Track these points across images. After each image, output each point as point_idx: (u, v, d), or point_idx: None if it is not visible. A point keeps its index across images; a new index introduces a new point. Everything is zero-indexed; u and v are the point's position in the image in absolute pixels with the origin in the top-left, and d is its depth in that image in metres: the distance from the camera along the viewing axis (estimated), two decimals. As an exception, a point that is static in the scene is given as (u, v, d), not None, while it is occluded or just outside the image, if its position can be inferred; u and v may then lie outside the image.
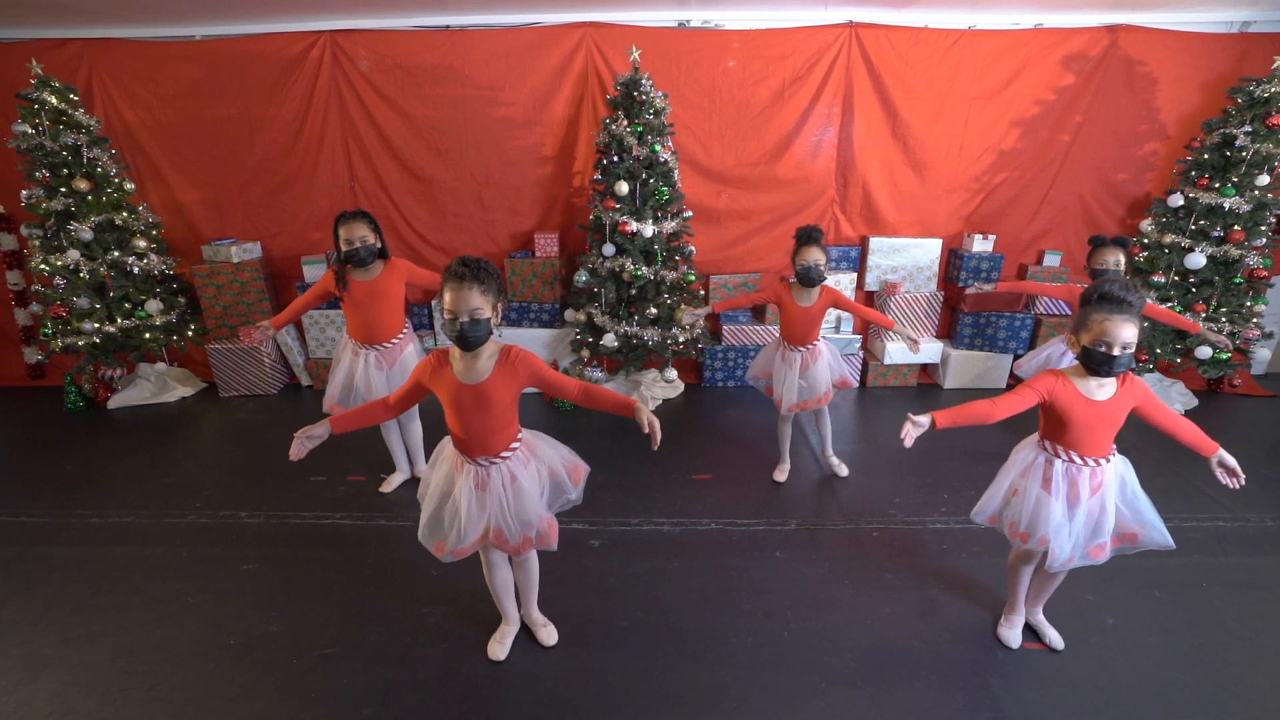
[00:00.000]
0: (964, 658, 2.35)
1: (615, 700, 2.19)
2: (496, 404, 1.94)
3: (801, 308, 3.14)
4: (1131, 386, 1.98)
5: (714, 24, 4.50)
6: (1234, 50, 4.41)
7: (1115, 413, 1.97)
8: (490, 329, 1.87)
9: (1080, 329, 1.91)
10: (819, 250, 3.04)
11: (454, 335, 1.83)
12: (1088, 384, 1.96)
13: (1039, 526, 2.07)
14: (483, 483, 2.03)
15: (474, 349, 1.88)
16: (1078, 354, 1.93)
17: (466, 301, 1.79)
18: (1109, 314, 1.83)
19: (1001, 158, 4.69)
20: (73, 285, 4.30)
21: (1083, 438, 1.99)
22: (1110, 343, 1.82)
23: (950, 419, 2.00)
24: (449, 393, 1.94)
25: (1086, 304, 1.89)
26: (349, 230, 2.94)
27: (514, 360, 1.92)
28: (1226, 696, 2.18)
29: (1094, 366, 1.88)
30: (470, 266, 1.81)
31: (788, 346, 3.26)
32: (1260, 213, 4.14)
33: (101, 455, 3.95)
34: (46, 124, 4.12)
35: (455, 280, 1.80)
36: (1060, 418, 1.98)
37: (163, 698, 2.19)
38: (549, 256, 4.68)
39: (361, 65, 4.52)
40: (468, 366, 1.92)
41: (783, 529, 3.12)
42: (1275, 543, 3.02)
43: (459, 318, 1.81)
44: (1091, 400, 1.95)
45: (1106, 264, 3.22)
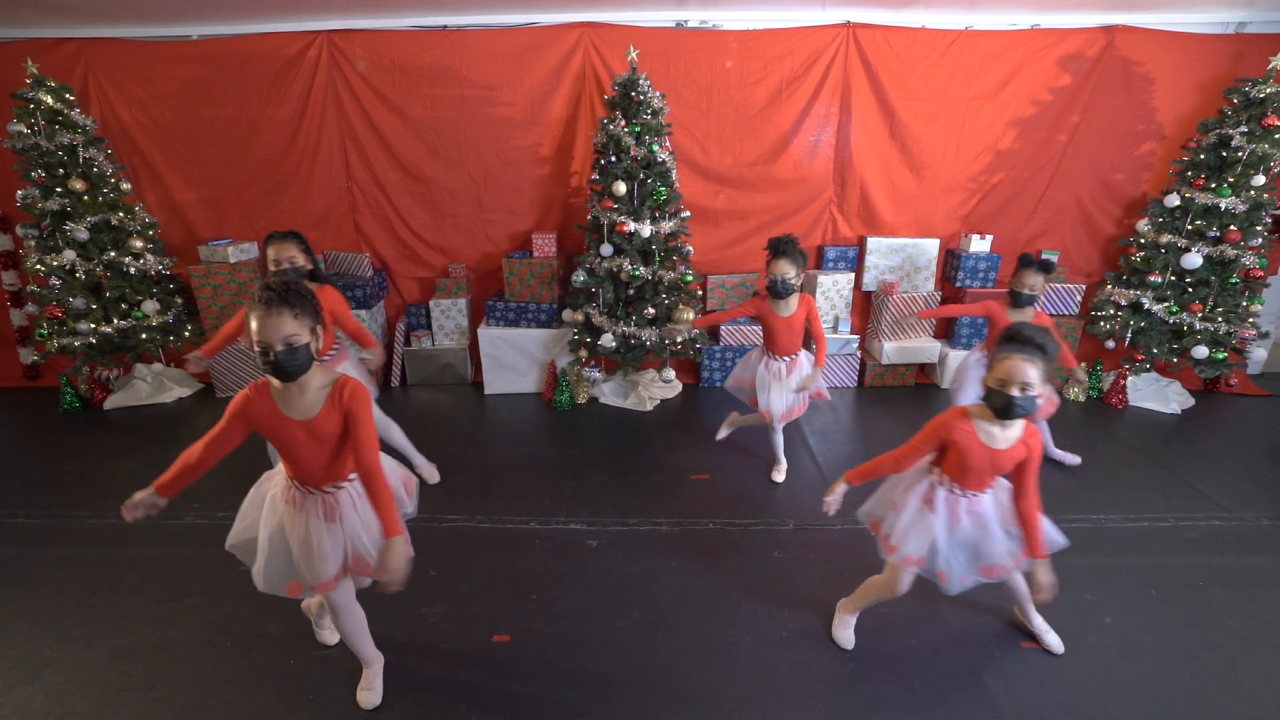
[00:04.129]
0: (962, 658, 2.35)
1: (615, 700, 2.19)
2: (329, 438, 1.79)
3: (783, 318, 3.16)
4: (1029, 441, 1.97)
5: (712, 24, 4.50)
6: (1230, 51, 4.43)
7: (1005, 463, 1.98)
8: (310, 355, 1.70)
9: (989, 368, 1.91)
10: (788, 263, 3.01)
11: (269, 368, 1.65)
12: (990, 429, 1.96)
13: (907, 544, 2.11)
14: (331, 511, 1.88)
15: (294, 379, 1.69)
16: (984, 395, 1.93)
17: (277, 329, 1.62)
18: (1011, 353, 1.83)
19: (999, 158, 4.70)
20: (69, 285, 4.28)
21: (970, 477, 2.02)
22: (1008, 382, 1.82)
23: (861, 475, 2.13)
24: (274, 429, 1.77)
25: (999, 344, 1.91)
26: (278, 250, 2.84)
27: (346, 395, 1.76)
28: (1224, 695, 2.19)
29: (994, 407, 1.88)
30: (276, 289, 1.63)
31: (771, 356, 3.27)
32: (1256, 213, 4.16)
33: (98, 456, 3.94)
34: (42, 124, 4.11)
35: (262, 307, 1.61)
36: (955, 457, 2.01)
37: (161, 698, 2.19)
38: (547, 257, 4.68)
39: (359, 65, 4.51)
40: (293, 399, 1.74)
41: (781, 529, 3.13)
42: (1272, 542, 3.03)
43: (272, 347, 1.62)
44: (989, 448, 1.96)
45: (1023, 286, 3.21)
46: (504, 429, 4.33)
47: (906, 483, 2.17)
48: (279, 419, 1.76)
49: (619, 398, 4.67)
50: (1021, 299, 3.24)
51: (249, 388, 1.78)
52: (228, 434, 1.83)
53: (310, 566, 1.88)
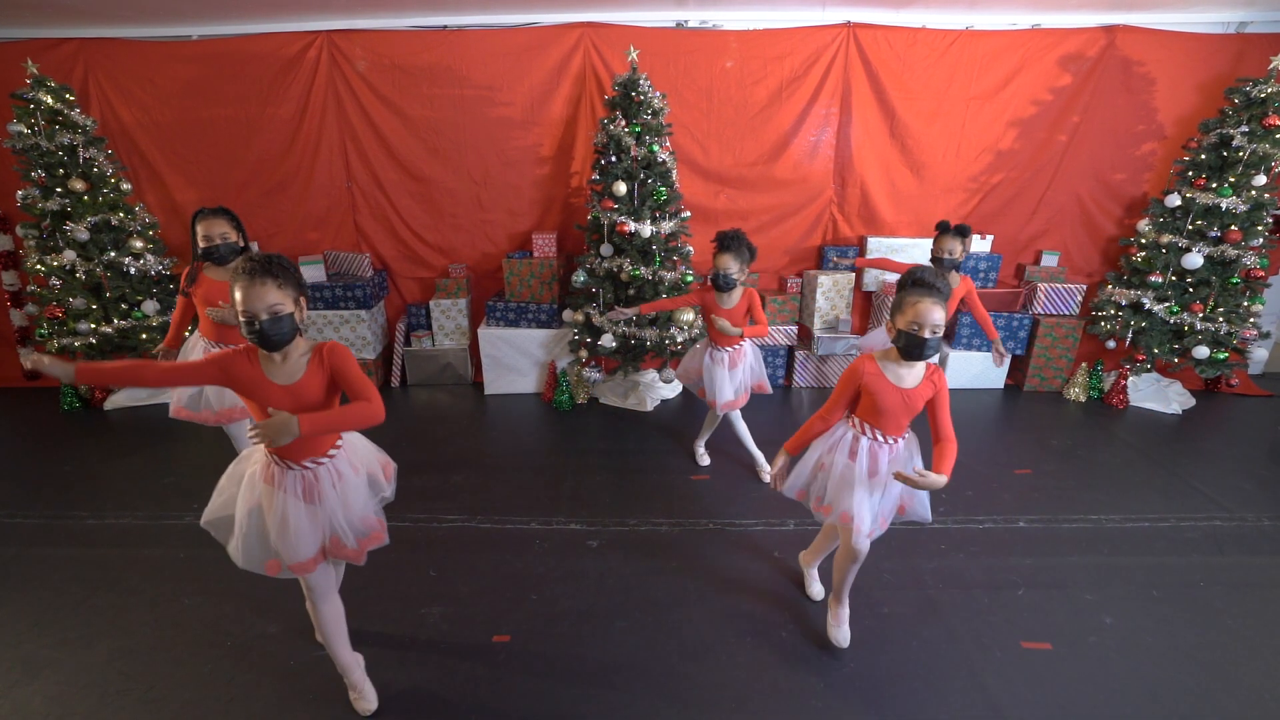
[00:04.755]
0: (962, 657, 2.35)
1: (615, 700, 2.18)
2: (315, 403, 1.79)
3: (724, 310, 3.22)
4: (934, 378, 2.07)
5: (712, 24, 4.50)
6: (1231, 51, 4.42)
7: (916, 401, 2.07)
8: (295, 325, 1.71)
9: (896, 312, 1.98)
10: (731, 258, 3.06)
11: (254, 337, 1.67)
12: (897, 370, 2.05)
13: (841, 500, 2.17)
14: (309, 489, 1.87)
15: (279, 349, 1.72)
16: (893, 338, 2.00)
17: (262, 298, 1.63)
18: (921, 296, 1.90)
19: (999, 158, 4.70)
20: (69, 286, 4.28)
21: (887, 420, 2.10)
22: (922, 324, 1.89)
23: (796, 444, 2.23)
24: (259, 393, 1.76)
25: (901, 289, 1.98)
26: (208, 227, 2.78)
27: (327, 354, 1.78)
28: (1225, 695, 2.19)
29: (908, 349, 1.95)
30: (259, 261, 1.66)
31: (715, 347, 3.33)
32: (1257, 213, 4.15)
33: (98, 456, 3.94)
34: (42, 124, 4.11)
35: (245, 277, 1.63)
36: (869, 401, 2.09)
37: (160, 699, 2.19)
38: (547, 257, 4.68)
39: (359, 65, 4.51)
40: (277, 367, 1.77)
41: (781, 529, 3.12)
42: (1272, 542, 3.02)
43: (258, 316, 1.64)
44: (898, 388, 2.05)
45: (942, 251, 3.28)
46: (504, 429, 4.33)
47: (830, 442, 2.22)
48: (262, 382, 1.76)
49: (619, 398, 4.67)
50: (943, 264, 3.31)
51: (243, 348, 1.79)
52: (195, 372, 1.83)
53: (287, 546, 1.87)
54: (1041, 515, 3.23)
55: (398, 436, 4.12)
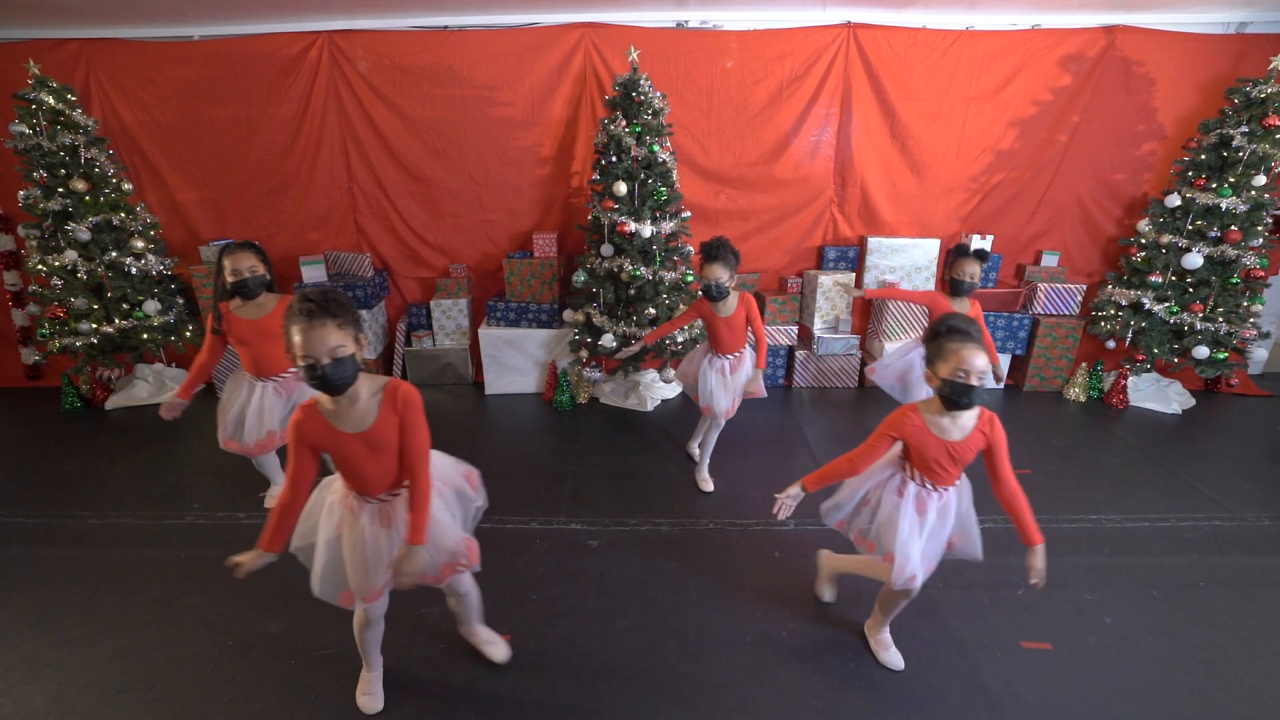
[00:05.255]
0: (962, 657, 2.35)
1: (615, 700, 2.19)
2: (391, 446, 1.76)
3: (723, 319, 3.17)
4: (986, 428, 1.96)
5: (712, 24, 4.50)
6: (1231, 51, 4.42)
7: (965, 453, 1.97)
8: (358, 365, 1.65)
9: (936, 360, 1.89)
10: (720, 267, 3.01)
11: (316, 382, 1.59)
12: (941, 421, 1.95)
13: (886, 540, 2.10)
14: (389, 519, 1.86)
15: (343, 392, 1.65)
16: (936, 387, 1.90)
17: (323, 341, 1.56)
18: (963, 343, 1.83)
19: (999, 158, 4.70)
20: (70, 286, 4.29)
21: (934, 473, 2.01)
22: (968, 370, 1.81)
23: (817, 480, 2.10)
24: (332, 446, 1.73)
25: (936, 337, 1.90)
26: (235, 261, 2.77)
27: (400, 399, 1.73)
28: (1224, 696, 2.19)
29: (954, 399, 1.86)
30: (316, 300, 1.57)
31: (715, 354, 3.29)
32: (1257, 213, 4.15)
33: (99, 456, 3.94)
34: (44, 124, 4.11)
35: (303, 319, 1.56)
36: (915, 454, 2.01)
37: (161, 699, 2.19)
38: (547, 257, 4.68)
39: (360, 65, 4.52)
40: (346, 413, 1.70)
41: (781, 529, 3.13)
42: (1272, 542, 3.02)
43: (319, 360, 1.57)
44: (941, 440, 1.95)
45: (964, 274, 3.27)
46: (504, 429, 4.33)
47: (878, 478, 2.15)
48: (334, 435, 1.72)
49: (619, 398, 4.67)
50: (963, 288, 3.30)
51: (297, 411, 1.73)
52: (302, 466, 1.77)
53: (363, 575, 1.86)
54: (1041, 515, 3.20)
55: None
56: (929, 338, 1.94)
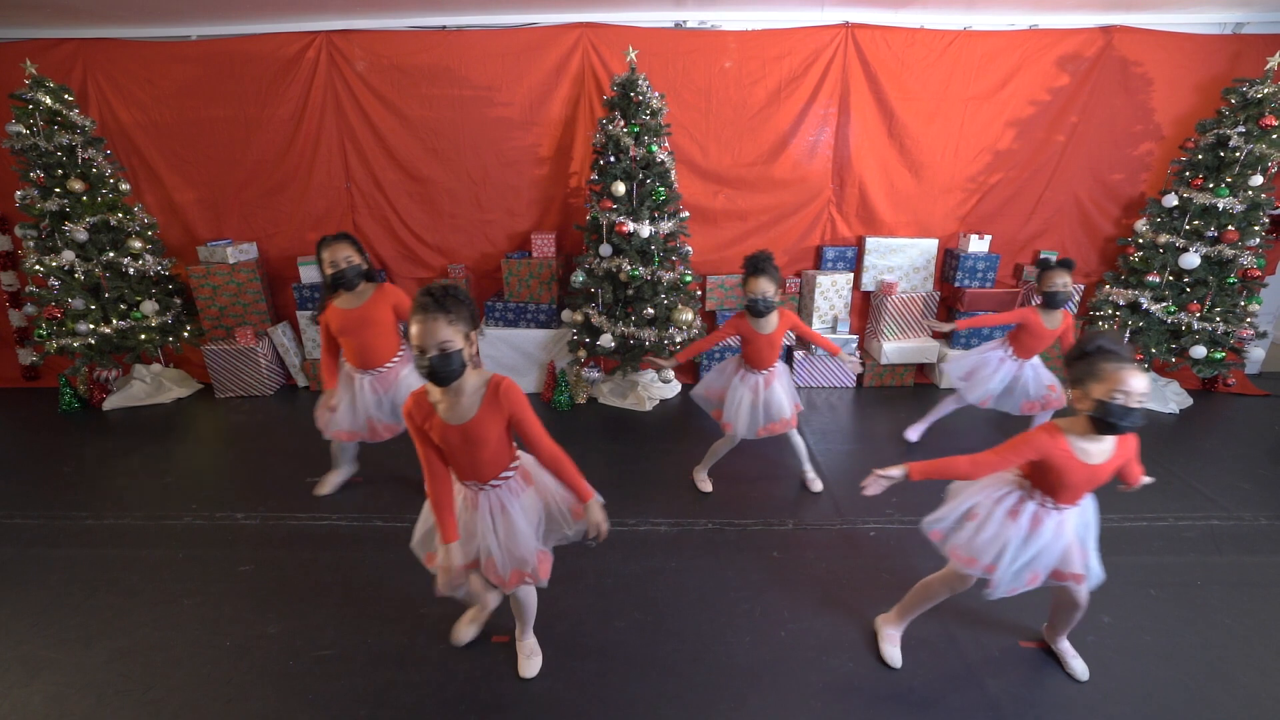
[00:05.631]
0: (960, 657, 2.36)
1: (613, 700, 2.19)
2: (487, 441, 1.85)
3: (764, 335, 3.09)
4: (1126, 445, 1.93)
5: (710, 24, 4.50)
6: (1228, 51, 4.43)
7: (1104, 475, 1.92)
8: (464, 361, 1.75)
9: (1089, 381, 1.81)
10: (766, 280, 2.95)
11: (424, 371, 1.71)
12: (1086, 445, 1.88)
13: (986, 555, 2.02)
14: (473, 503, 1.98)
15: (448, 384, 1.76)
16: (1088, 410, 1.82)
17: (434, 334, 1.68)
18: (1120, 364, 1.75)
19: (997, 158, 4.70)
20: (67, 286, 4.28)
21: (1066, 494, 1.95)
22: (1129, 393, 1.74)
23: (925, 472, 1.97)
24: (435, 434, 1.85)
25: (1083, 358, 1.82)
26: (332, 253, 2.86)
27: (501, 396, 1.82)
28: (1222, 695, 2.19)
29: (1112, 421, 1.77)
30: (435, 295, 1.69)
31: (748, 369, 3.20)
32: (1254, 213, 4.16)
33: (97, 457, 3.94)
34: (41, 124, 4.10)
35: (421, 311, 1.68)
36: (1052, 477, 1.93)
37: (159, 700, 2.19)
38: (546, 257, 4.68)
39: (358, 66, 4.51)
40: (451, 404, 1.82)
41: (780, 529, 3.13)
42: (1270, 541, 3.03)
43: (427, 351, 1.69)
44: (1086, 465, 1.88)
45: (1056, 285, 3.28)
46: (503, 429, 4.32)
47: (990, 492, 2.07)
48: (439, 425, 1.82)
49: (618, 398, 4.67)
50: (1058, 299, 3.31)
51: (408, 399, 1.86)
52: (427, 451, 1.91)
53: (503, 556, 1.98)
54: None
55: (396, 437, 4.11)
56: (1075, 357, 1.85)
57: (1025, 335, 3.48)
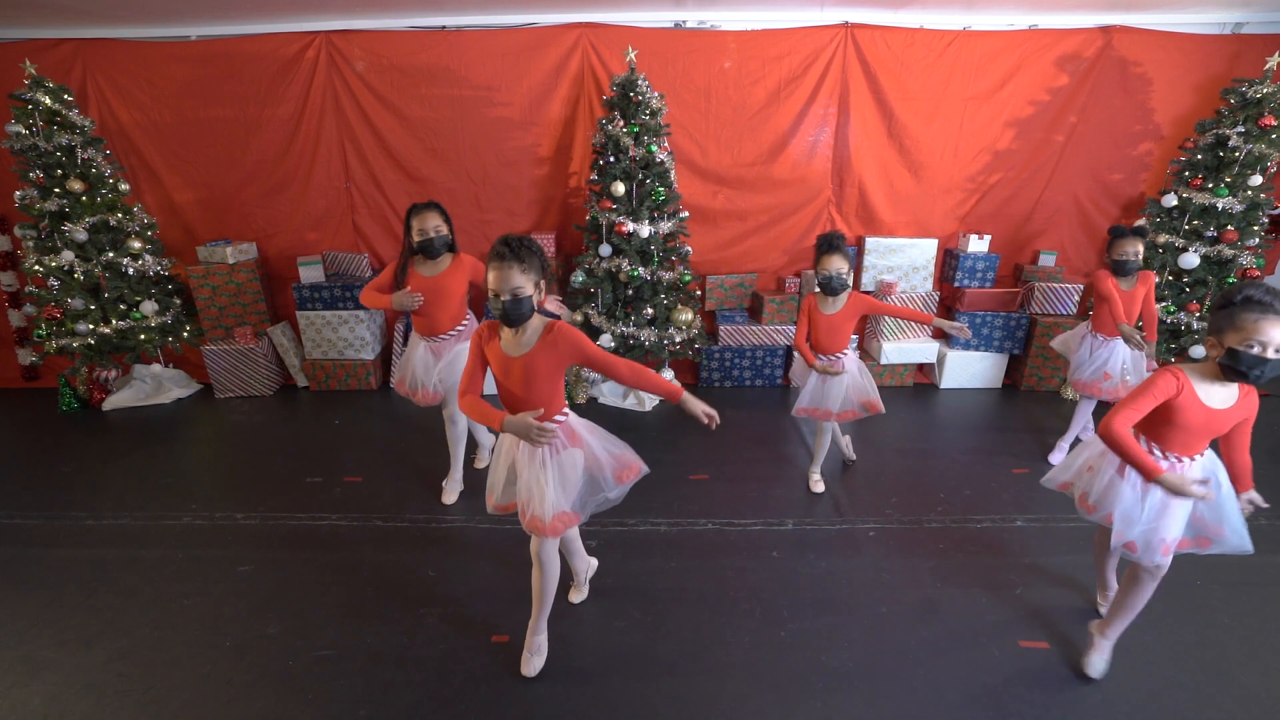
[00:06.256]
0: (961, 657, 2.36)
1: (613, 701, 2.19)
2: (537, 377, 2.00)
3: (824, 315, 3.09)
4: (1249, 400, 1.90)
5: (710, 25, 4.50)
6: (1227, 51, 4.44)
7: (1225, 422, 1.90)
8: (532, 306, 1.93)
9: (1227, 329, 1.78)
10: (840, 258, 2.92)
11: (498, 312, 1.91)
12: (1209, 388, 1.88)
13: (1107, 503, 2.07)
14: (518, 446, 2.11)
15: (517, 325, 1.96)
16: (1220, 357, 1.81)
17: (508, 280, 1.86)
18: (1262, 314, 1.72)
19: (996, 158, 4.71)
20: (67, 286, 4.28)
21: (1183, 439, 1.94)
22: (1266, 343, 1.72)
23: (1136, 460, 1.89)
24: (496, 362, 2.03)
25: (1226, 307, 1.79)
26: (422, 220, 2.94)
27: (556, 336, 1.96)
28: (1221, 695, 2.19)
29: (1242, 369, 1.76)
30: (511, 245, 1.88)
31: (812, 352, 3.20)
32: (1253, 213, 4.16)
33: (97, 457, 3.93)
34: (40, 124, 4.10)
35: (497, 259, 1.88)
36: (1169, 418, 1.91)
37: (159, 700, 2.18)
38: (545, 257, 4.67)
39: (357, 66, 4.51)
40: (514, 339, 2.00)
41: (780, 529, 3.13)
42: (1270, 542, 3.03)
43: (501, 295, 1.88)
44: (1207, 407, 1.87)
45: (1126, 254, 3.28)
46: (503, 429, 4.32)
47: (1100, 447, 2.09)
48: (498, 353, 2.02)
49: (618, 398, 4.67)
50: (1126, 267, 3.29)
51: (484, 325, 2.07)
52: (477, 366, 2.09)
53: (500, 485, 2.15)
54: (1039, 515, 3.24)
55: (396, 438, 4.12)
56: (1219, 305, 1.82)
57: (1103, 308, 3.40)
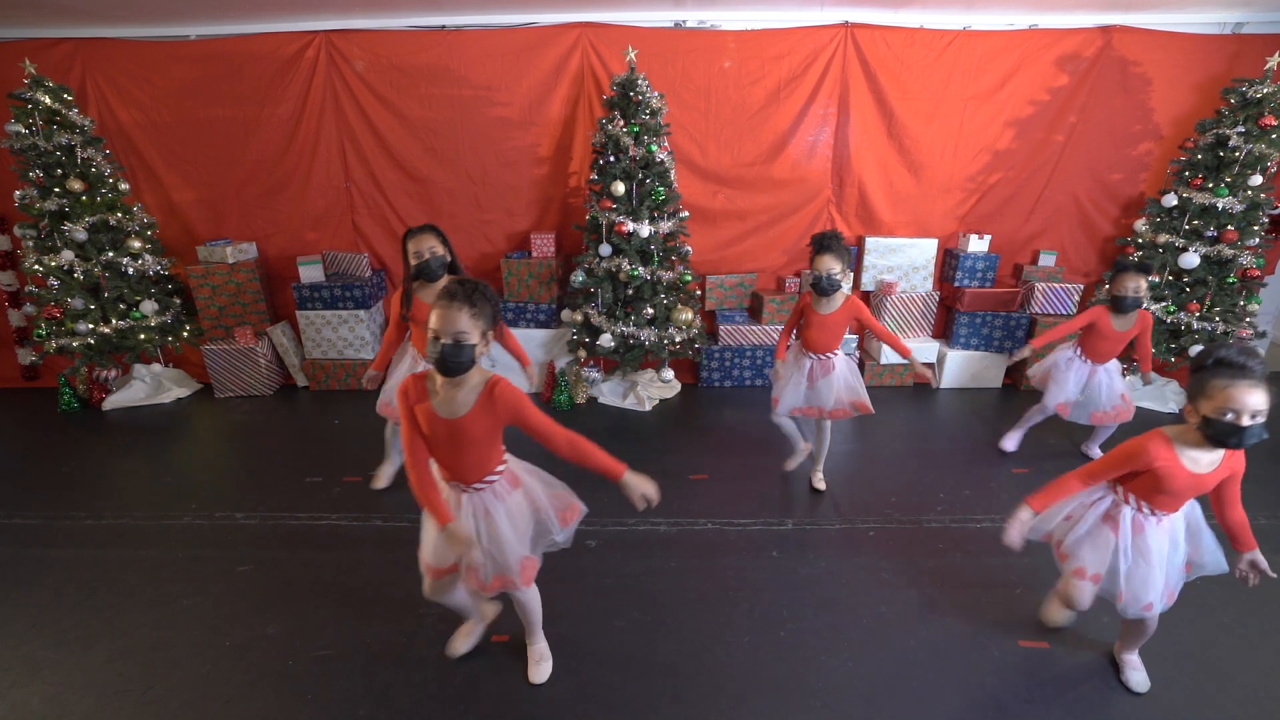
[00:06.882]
0: (961, 657, 2.36)
1: (613, 701, 2.19)
2: (473, 442, 1.83)
3: (818, 315, 3.07)
4: (1235, 458, 1.86)
5: (710, 24, 4.50)
6: (1227, 51, 4.43)
7: (1208, 484, 1.87)
8: (474, 357, 1.74)
9: (1199, 396, 1.75)
10: (832, 258, 2.89)
11: (434, 357, 1.71)
12: (1193, 453, 1.83)
13: (1080, 555, 2.04)
14: (482, 509, 1.95)
15: (454, 375, 1.75)
16: (1197, 424, 1.77)
17: (453, 322, 1.68)
18: (1232, 379, 1.67)
19: (996, 158, 4.70)
20: (67, 286, 4.28)
21: (1167, 501, 1.91)
22: (1239, 410, 1.67)
23: (1044, 502, 1.99)
24: (425, 423, 1.82)
25: (1199, 370, 1.76)
26: (417, 243, 2.91)
27: (496, 398, 1.78)
28: (1221, 694, 2.20)
29: (1220, 438, 1.73)
30: (465, 287, 1.71)
31: (802, 350, 3.21)
32: (1253, 213, 4.16)
33: (96, 457, 3.93)
34: (40, 124, 4.10)
35: (446, 298, 1.70)
36: (1154, 483, 1.89)
37: (158, 700, 2.18)
38: (545, 257, 4.68)
39: (357, 65, 4.51)
40: (447, 396, 1.79)
41: (779, 529, 3.13)
42: (1270, 541, 3.03)
43: (442, 338, 1.69)
44: (1192, 473, 1.84)
45: (1126, 290, 3.21)
46: (502, 429, 4.32)
47: (1087, 500, 2.07)
48: (428, 411, 1.80)
49: (618, 398, 4.67)
50: (1125, 304, 3.23)
51: (410, 378, 1.83)
52: (414, 436, 1.86)
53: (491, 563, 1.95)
54: (1039, 514, 3.23)
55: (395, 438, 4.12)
56: (1193, 369, 1.79)
57: (1094, 337, 3.38)
